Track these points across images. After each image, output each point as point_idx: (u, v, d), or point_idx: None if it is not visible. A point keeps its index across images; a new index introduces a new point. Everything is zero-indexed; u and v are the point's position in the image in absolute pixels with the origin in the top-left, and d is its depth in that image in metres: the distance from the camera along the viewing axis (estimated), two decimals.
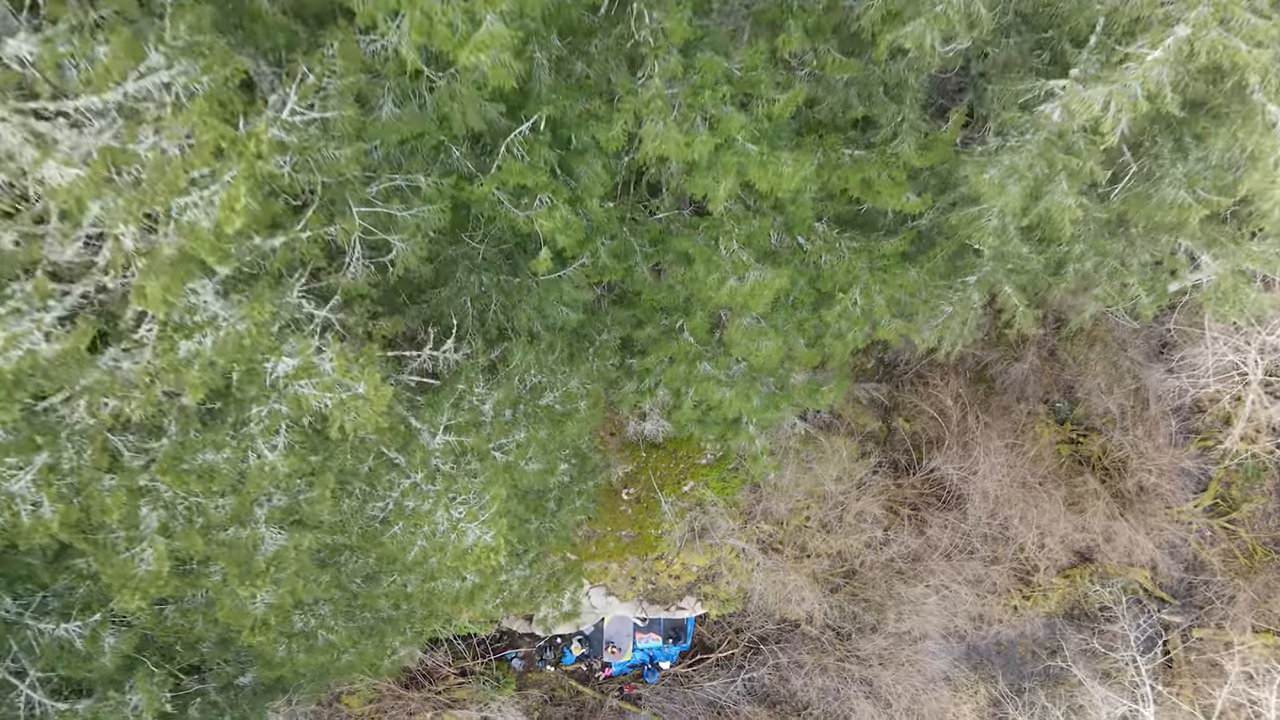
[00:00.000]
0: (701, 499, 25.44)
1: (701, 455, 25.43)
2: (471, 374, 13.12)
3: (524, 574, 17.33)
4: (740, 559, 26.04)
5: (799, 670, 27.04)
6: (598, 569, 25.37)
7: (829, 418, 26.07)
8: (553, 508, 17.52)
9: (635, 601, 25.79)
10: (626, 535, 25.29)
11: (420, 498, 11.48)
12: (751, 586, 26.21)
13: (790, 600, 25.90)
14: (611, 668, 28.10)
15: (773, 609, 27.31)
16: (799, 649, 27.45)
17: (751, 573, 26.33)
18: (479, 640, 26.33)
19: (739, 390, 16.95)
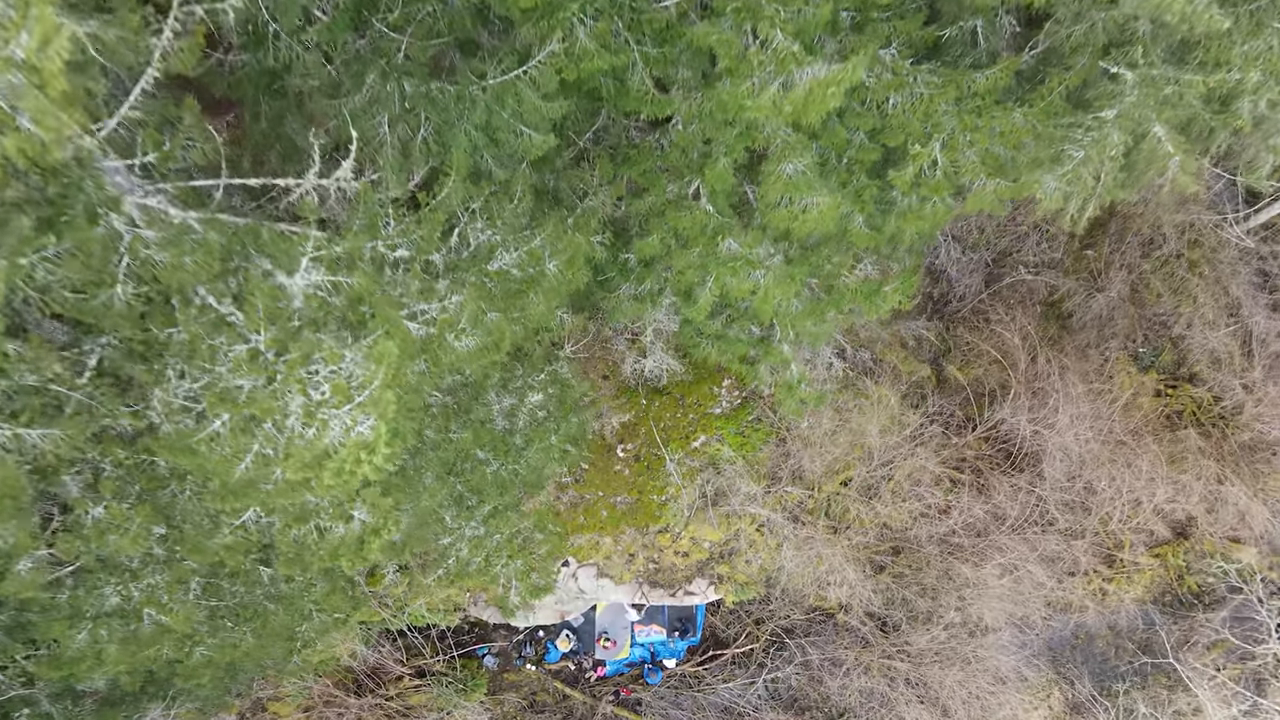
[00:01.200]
0: (715, 457, 20.58)
1: (715, 403, 20.56)
2: (374, 204, 8.27)
3: (476, 532, 12.45)
4: (763, 533, 21.16)
5: (835, 669, 22.15)
6: (587, 544, 20.51)
7: (869, 360, 21.18)
8: (519, 444, 12.64)
9: (633, 585, 20.91)
10: (622, 502, 20.43)
11: (261, 371, 6.61)
12: (777, 567, 21.34)
13: (825, 583, 21.03)
14: (605, 666, 23.23)
15: (803, 594, 22.45)
16: (835, 643, 22.57)
17: (777, 550, 21.46)
18: (441, 633, 21.43)
19: (777, 275, 12.08)
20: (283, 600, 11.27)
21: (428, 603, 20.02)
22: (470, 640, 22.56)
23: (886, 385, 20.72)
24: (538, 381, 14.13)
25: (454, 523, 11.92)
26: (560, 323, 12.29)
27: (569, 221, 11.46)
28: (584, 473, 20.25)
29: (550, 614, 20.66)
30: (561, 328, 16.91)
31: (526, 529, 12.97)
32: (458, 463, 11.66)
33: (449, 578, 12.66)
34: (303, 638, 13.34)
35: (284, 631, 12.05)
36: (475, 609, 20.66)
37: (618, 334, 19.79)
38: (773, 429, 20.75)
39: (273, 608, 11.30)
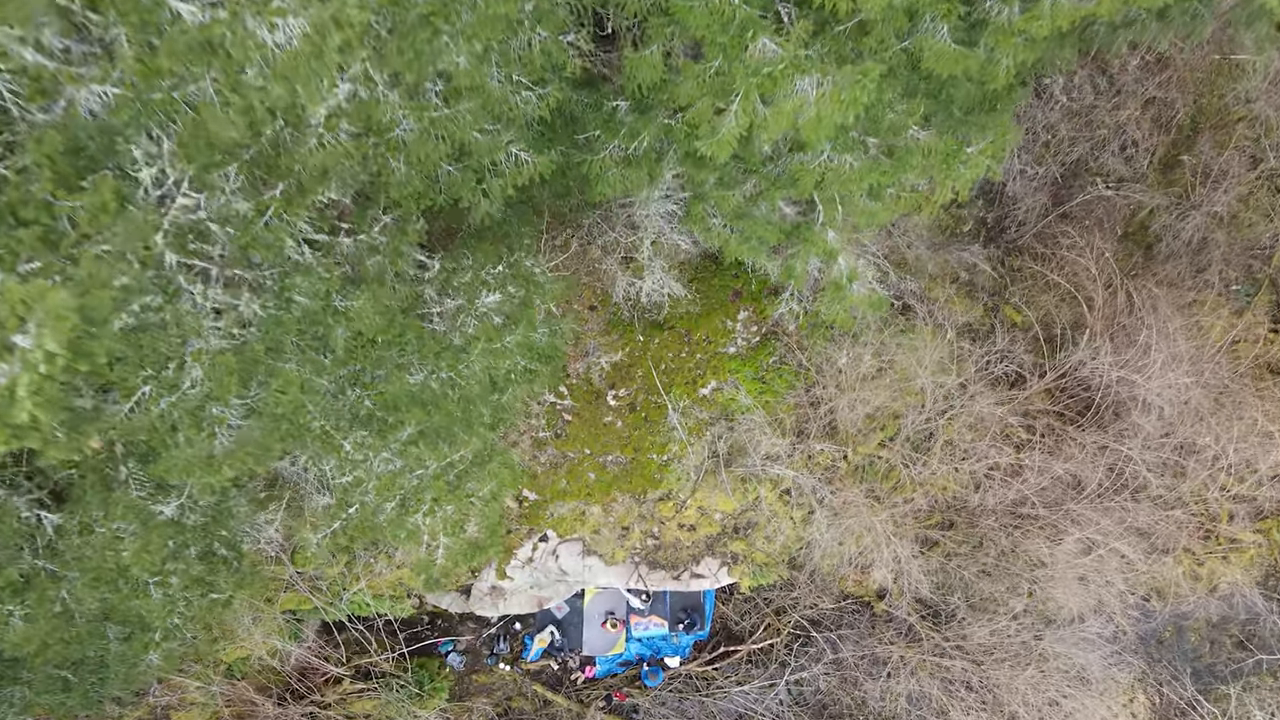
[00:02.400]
0: (729, 408, 16.68)
1: (729, 340, 16.65)
2: None
3: (389, 467, 8.46)
4: (788, 501, 17.25)
5: (874, 669, 18.25)
6: (570, 514, 16.61)
7: (916, 291, 17.27)
8: (457, 344, 8.72)
9: (628, 566, 17.01)
10: (614, 462, 16.54)
11: None
12: (804, 543, 17.44)
13: (863, 564, 17.13)
14: (595, 666, 19.33)
15: (835, 577, 18.55)
16: (873, 638, 18.67)
17: (804, 522, 17.57)
18: (395, 626, 17.52)
19: (836, 81, 8.16)
20: (86, 566, 7.33)
21: (371, 586, 16.11)
22: (431, 635, 18.65)
23: (936, 323, 16.84)
24: (495, 276, 10.24)
25: (357, 453, 8.01)
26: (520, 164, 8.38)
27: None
28: (566, 425, 16.36)
29: (525, 601, 16.78)
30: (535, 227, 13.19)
31: (462, 461, 8.95)
32: (359, 358, 7.75)
33: (347, 533, 8.65)
34: (159, 625, 9.40)
35: (106, 614, 8.11)
36: (434, 596, 16.74)
37: (607, 253, 15.88)
38: (799, 373, 16.84)
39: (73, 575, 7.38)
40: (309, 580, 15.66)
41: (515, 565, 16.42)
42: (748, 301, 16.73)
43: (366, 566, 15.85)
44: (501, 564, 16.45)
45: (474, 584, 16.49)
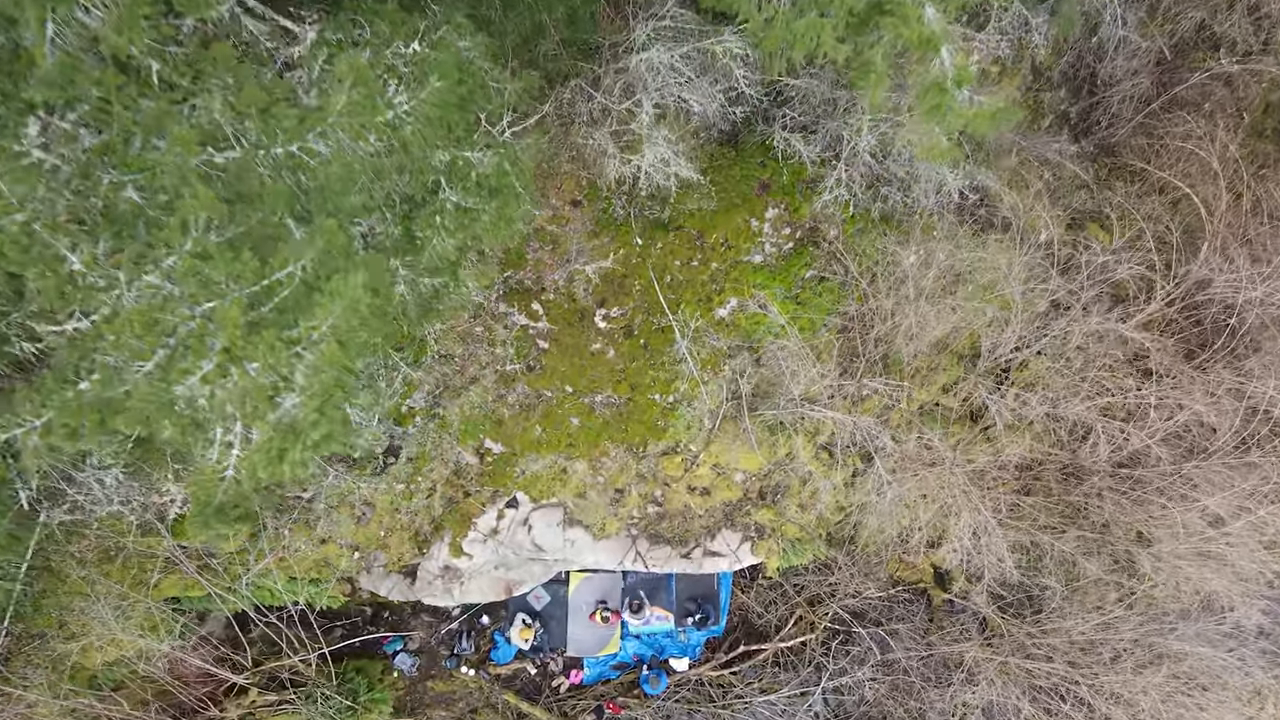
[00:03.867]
0: (753, 333, 12.80)
1: (754, 245, 12.75)
2: None
3: (155, 294, 4.55)
4: (827, 459, 13.38)
5: (938, 673, 14.38)
6: (547, 472, 12.72)
7: (994, 187, 13.34)
8: None
9: (623, 540, 13.12)
10: (605, 403, 12.64)
11: None
12: (849, 513, 13.58)
13: (927, 539, 13.25)
14: (583, 669, 15.48)
15: (883, 558, 14.69)
16: (940, 635, 14.80)
17: (848, 486, 13.70)
18: (335, 621, 13.64)
19: None
20: None
21: (283, 567, 12.23)
22: (375, 631, 14.77)
23: (1022, 226, 12.95)
24: (408, 59, 6.34)
25: (97, 271, 4.14)
26: None
27: None
28: (541, 355, 12.46)
29: (489, 587, 12.87)
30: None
31: (290, 281, 4.92)
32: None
33: (74, 419, 4.65)
34: None
35: None
36: (370, 580, 12.84)
37: (595, 124, 11.97)
38: (844, 290, 12.94)
39: None
40: (196, 558, 11.79)
41: (474, 539, 12.54)
42: (778, 196, 12.82)
43: (273, 540, 11.98)
44: (457, 536, 12.57)
45: (420, 563, 12.60)
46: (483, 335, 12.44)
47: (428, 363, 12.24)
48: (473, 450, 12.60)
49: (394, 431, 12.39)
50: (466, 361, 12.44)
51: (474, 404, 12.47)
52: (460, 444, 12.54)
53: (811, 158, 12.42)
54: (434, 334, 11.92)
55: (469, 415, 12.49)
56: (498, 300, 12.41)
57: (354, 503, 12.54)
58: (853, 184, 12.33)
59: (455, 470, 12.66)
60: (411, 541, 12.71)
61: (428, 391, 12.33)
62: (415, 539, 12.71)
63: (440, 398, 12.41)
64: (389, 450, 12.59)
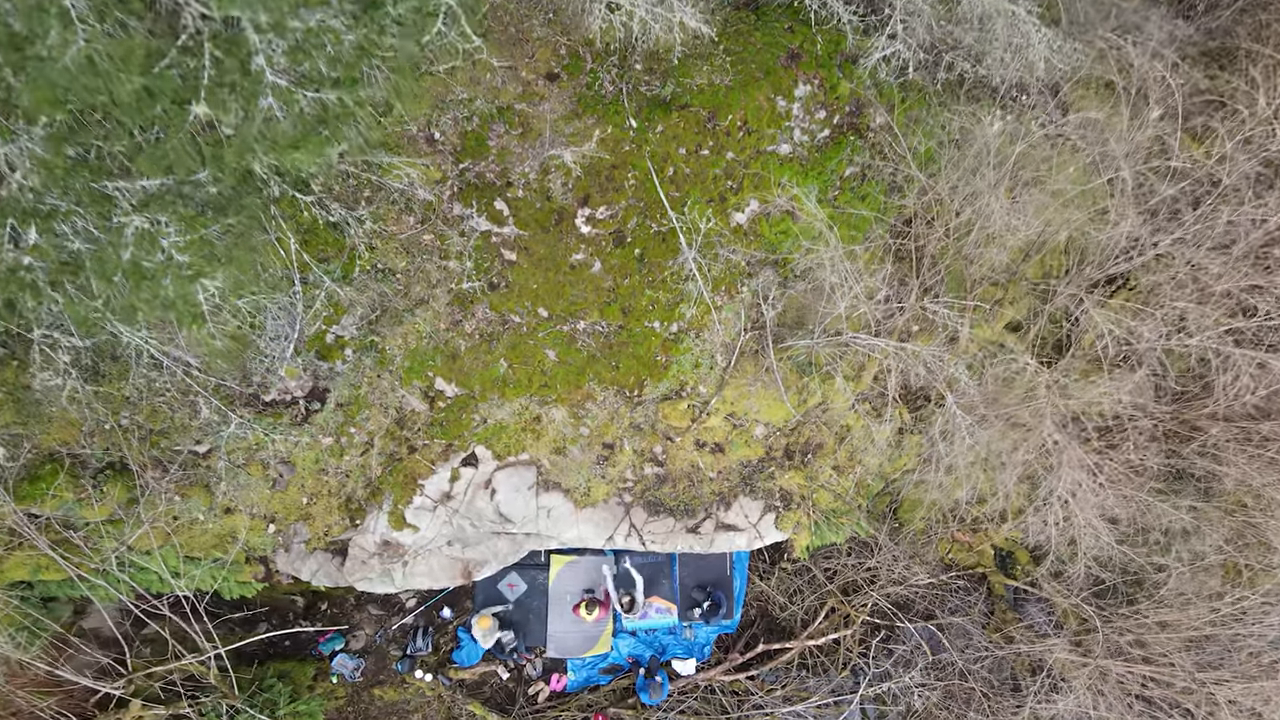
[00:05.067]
0: (779, 245, 10.01)
1: (780, 132, 9.91)
2: None
3: None
4: (874, 409, 10.59)
5: (1009, 679, 11.60)
6: (515, 421, 9.91)
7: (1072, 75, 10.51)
8: None
9: (614, 509, 10.31)
10: (591, 333, 9.83)
11: None
12: (902, 473, 10.81)
13: (1000, 507, 10.46)
14: (567, 674, 12.70)
15: (933, 537, 11.92)
16: (1004, 631, 12.02)
17: (892, 445, 10.93)
18: (230, 610, 10.83)
19: None
20: None
21: (164, 539, 9.43)
22: (309, 625, 11.96)
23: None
24: None
25: None
26: None
27: None
28: (507, 269, 9.66)
29: (441, 569, 10.03)
30: None
31: None
32: None
33: None
34: None
35: None
36: (289, 560, 10.01)
37: None
38: (895, 192, 10.15)
39: None
40: (50, 530, 8.99)
41: (421, 506, 9.76)
42: (810, 69, 10.01)
43: (155, 506, 9.18)
44: (399, 503, 9.78)
45: (352, 538, 9.80)
46: (433, 245, 9.65)
47: (360, 279, 9.46)
48: (420, 393, 9.81)
49: (317, 368, 9.61)
50: (412, 278, 9.65)
51: (421, 333, 9.69)
52: (404, 385, 9.76)
53: (853, 22, 9.66)
54: (363, 237, 9.14)
55: (415, 347, 9.71)
56: (451, 199, 9.63)
57: (267, 461, 9.76)
58: (907, 52, 9.55)
59: (398, 419, 9.88)
60: (341, 510, 9.93)
61: (361, 316, 9.55)
62: (346, 507, 9.92)
63: (378, 324, 9.63)
64: (313, 394, 9.81)
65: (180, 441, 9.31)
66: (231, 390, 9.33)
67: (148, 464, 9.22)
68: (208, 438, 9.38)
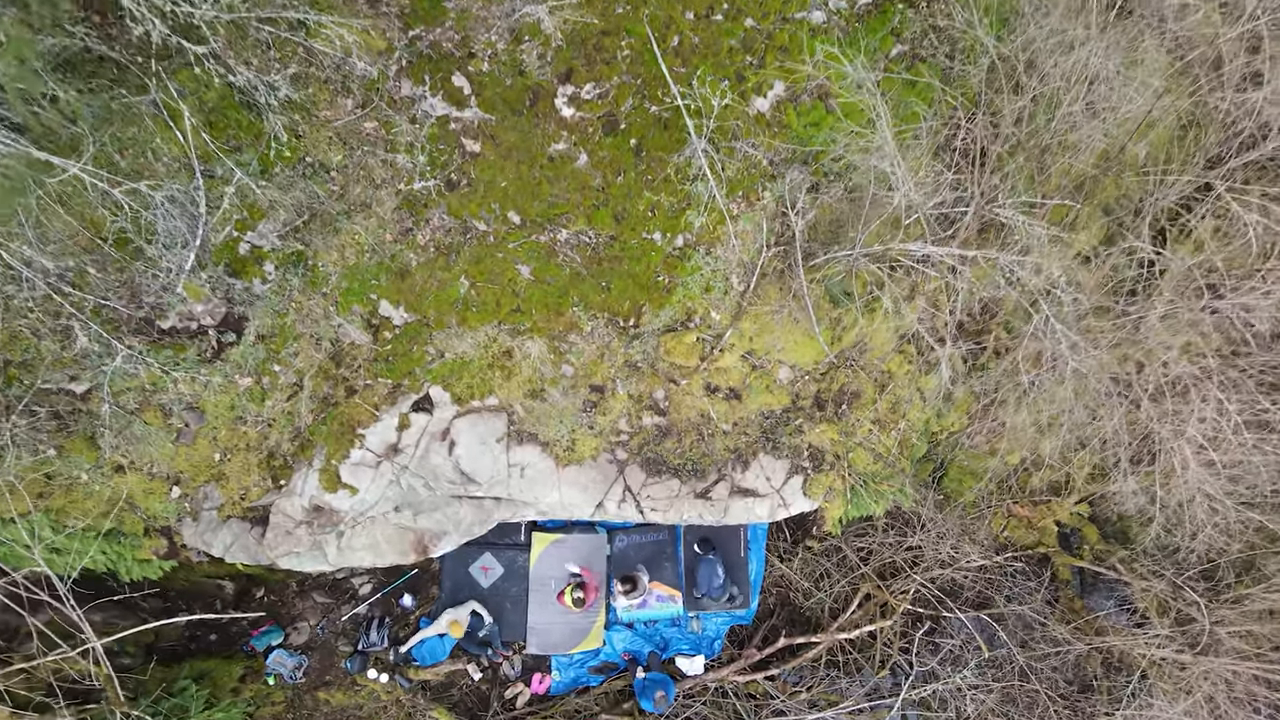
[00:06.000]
0: (810, 139, 8.00)
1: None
2: None
3: None
4: (925, 351, 8.60)
5: (1081, 679, 9.62)
6: (480, 355, 7.90)
7: None
8: None
9: (604, 468, 8.27)
10: (573, 244, 7.83)
11: None
12: (958, 429, 8.83)
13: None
14: (551, 674, 10.70)
15: (988, 510, 9.94)
16: (1065, 619, 10.04)
17: (948, 390, 8.93)
18: (139, 595, 8.80)
19: None
20: None
21: (20, 503, 7.44)
22: (237, 614, 9.95)
23: None
24: None
25: None
26: None
27: None
28: (469, 163, 7.64)
29: (388, 542, 7.98)
30: None
31: None
32: None
33: None
34: None
35: None
36: (198, 531, 7.99)
37: None
38: (954, 75, 8.14)
39: None
40: None
41: (362, 462, 7.76)
42: None
43: (15, 460, 7.18)
44: (333, 459, 7.77)
45: (275, 502, 7.79)
46: (376, 134, 7.66)
47: (284, 176, 7.47)
48: (361, 320, 7.82)
49: (230, 288, 7.61)
50: (350, 176, 7.66)
51: (362, 245, 7.71)
52: (340, 311, 7.77)
53: None
54: (280, 113, 7.14)
55: (354, 264, 7.72)
56: (399, 75, 7.63)
57: (168, 406, 7.77)
58: None
59: (333, 353, 7.88)
60: (262, 469, 7.93)
61: (284, 222, 7.55)
62: (268, 464, 7.93)
63: (307, 233, 7.64)
64: (226, 322, 7.82)
65: (50, 378, 7.32)
66: (116, 313, 7.34)
67: (8, 406, 7.22)
68: (86, 374, 7.38)
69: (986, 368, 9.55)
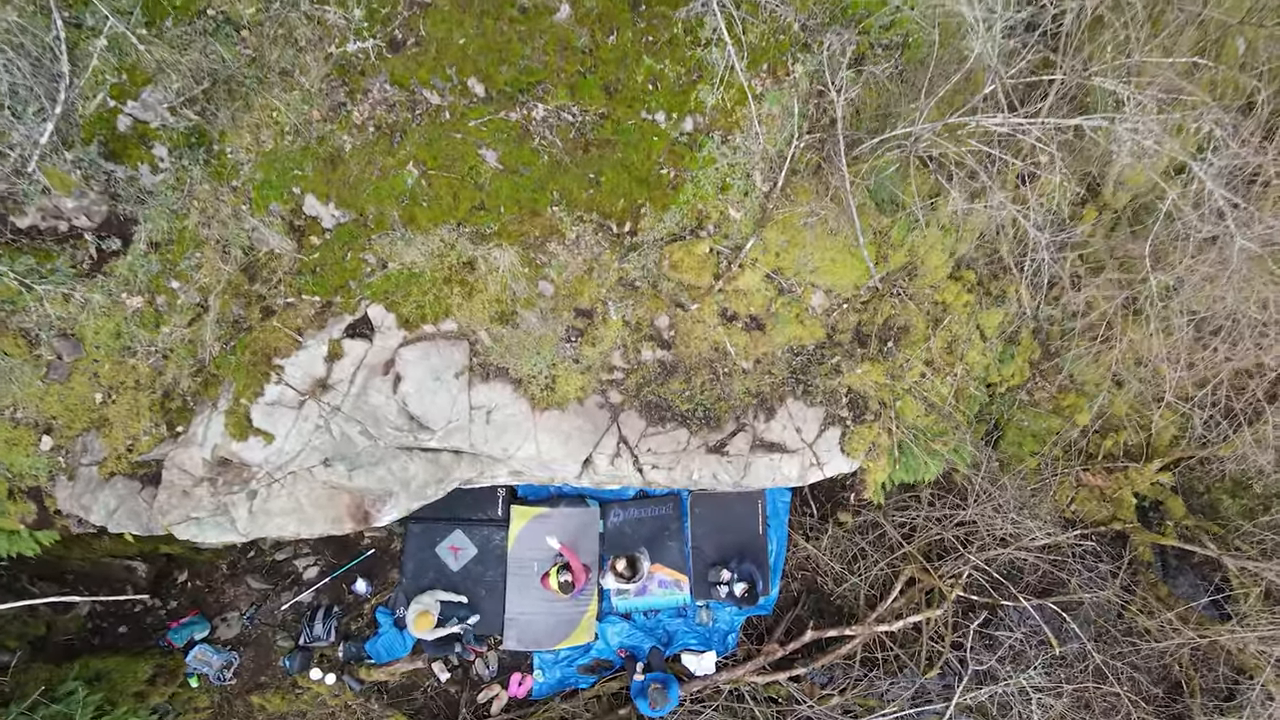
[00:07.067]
0: (854, 1, 6.30)
1: None
2: None
3: None
4: (971, 285, 6.90)
5: (1168, 680, 7.92)
6: (432, 266, 6.18)
7: None
8: None
9: (593, 413, 6.55)
10: (552, 123, 6.12)
11: None
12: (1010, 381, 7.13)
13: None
14: (534, 673, 8.98)
15: (1052, 479, 8.25)
16: (1150, 609, 8.34)
17: (1012, 330, 7.23)
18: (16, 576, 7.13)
19: None
20: None
21: None
22: (150, 602, 8.27)
23: None
24: None
25: None
26: None
27: None
28: (416, 14, 5.92)
29: (313, 504, 6.25)
30: None
31: None
32: None
33: None
34: None
35: None
36: (73, 493, 6.29)
37: None
38: None
39: None
40: None
41: (279, 401, 6.04)
42: None
43: None
44: (242, 393, 6.05)
45: (169, 454, 6.09)
46: None
47: (177, 31, 5.76)
48: (281, 222, 6.11)
49: (110, 177, 5.90)
50: (266, 35, 5.95)
51: (283, 124, 6.00)
52: (255, 210, 6.06)
53: None
54: None
55: (273, 149, 6.02)
56: None
57: (34, 333, 6.07)
58: None
59: (245, 265, 6.18)
60: (155, 412, 6.23)
61: (179, 91, 5.84)
62: (163, 407, 6.23)
63: (210, 107, 5.92)
64: (109, 226, 6.11)
65: None
66: None
67: None
68: None
69: (1062, 302, 7.84)
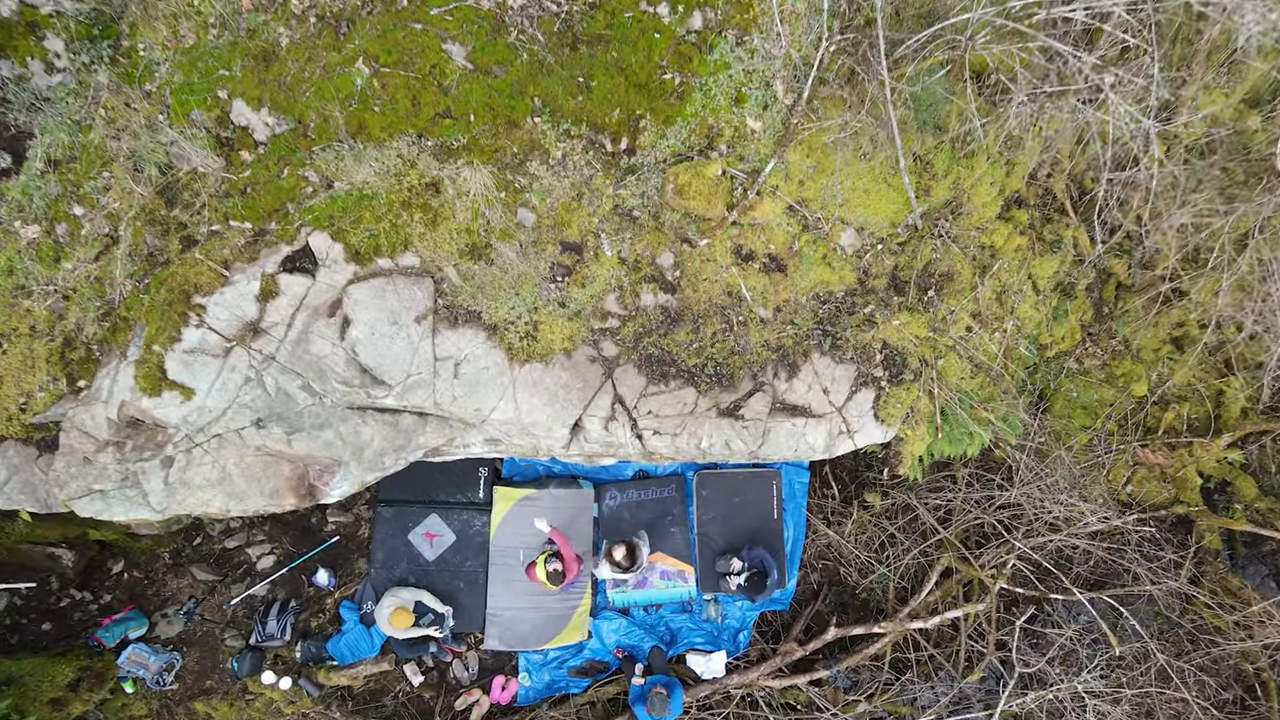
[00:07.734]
0: None
1: None
2: None
3: None
4: (1024, 228, 5.86)
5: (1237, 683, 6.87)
6: (387, 187, 5.14)
7: None
8: None
9: (582, 368, 5.51)
10: (532, 14, 5.08)
11: None
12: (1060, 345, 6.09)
13: None
14: (519, 676, 7.93)
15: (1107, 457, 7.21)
16: (1220, 601, 7.28)
17: (1067, 285, 6.20)
18: None
19: None
20: None
21: None
22: (80, 597, 7.23)
23: None
24: None
25: None
26: None
27: None
28: None
29: (250, 475, 5.23)
30: None
31: None
32: None
33: None
34: None
35: None
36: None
37: None
38: None
39: None
40: None
41: (200, 349, 5.00)
42: None
43: None
44: (154, 338, 5.01)
45: (68, 413, 5.06)
46: None
47: None
48: (205, 134, 5.06)
49: None
50: None
51: (205, 13, 4.96)
52: (174, 119, 5.02)
53: None
54: None
55: (194, 45, 4.98)
56: None
57: None
58: None
59: (163, 186, 5.14)
60: (54, 363, 5.19)
61: None
62: (63, 357, 5.20)
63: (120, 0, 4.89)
64: None
65: None
66: None
67: None
68: None
69: (1127, 250, 6.81)
